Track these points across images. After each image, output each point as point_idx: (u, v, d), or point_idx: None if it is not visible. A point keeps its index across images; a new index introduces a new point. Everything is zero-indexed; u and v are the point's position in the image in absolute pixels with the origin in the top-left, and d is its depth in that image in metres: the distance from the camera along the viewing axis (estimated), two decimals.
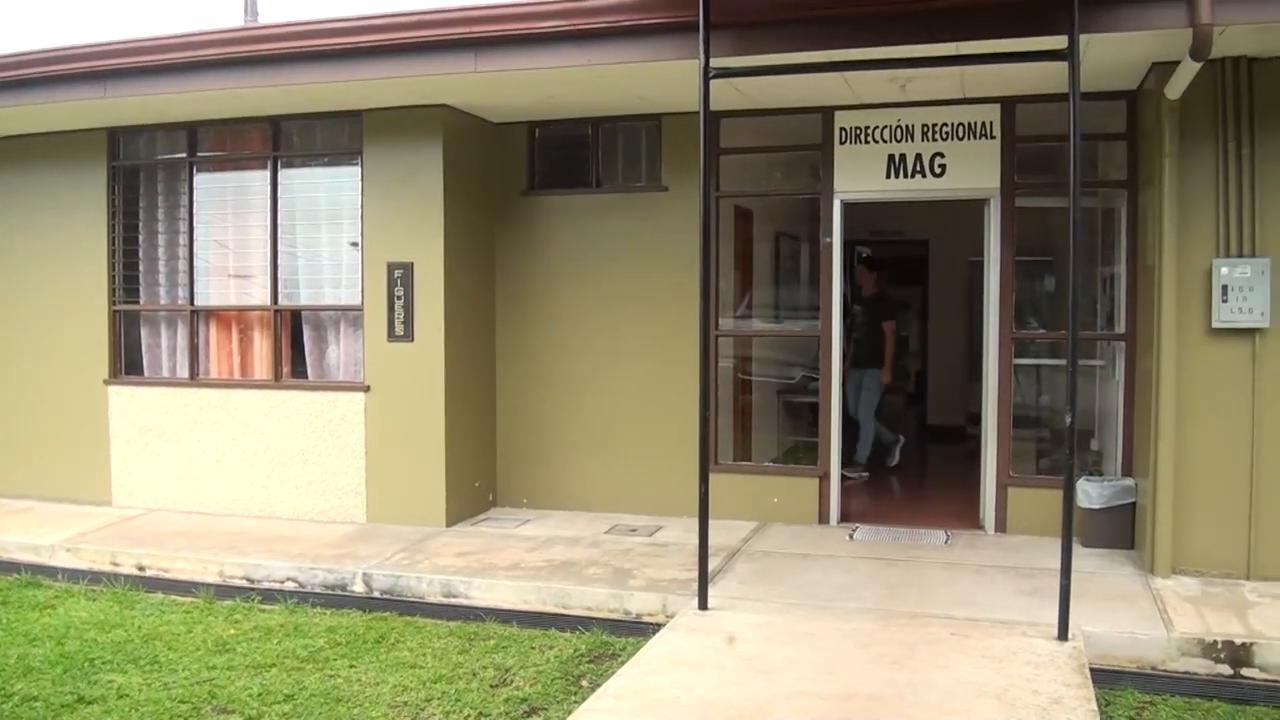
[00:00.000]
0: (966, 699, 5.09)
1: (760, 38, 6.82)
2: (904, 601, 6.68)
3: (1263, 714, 5.43)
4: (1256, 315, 7.09)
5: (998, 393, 8.47)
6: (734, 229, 9.69)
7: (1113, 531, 7.97)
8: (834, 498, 8.82)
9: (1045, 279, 9.51)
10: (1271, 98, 7.14)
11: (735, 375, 9.81)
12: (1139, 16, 6.38)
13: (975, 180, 8.41)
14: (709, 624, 6.24)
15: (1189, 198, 7.23)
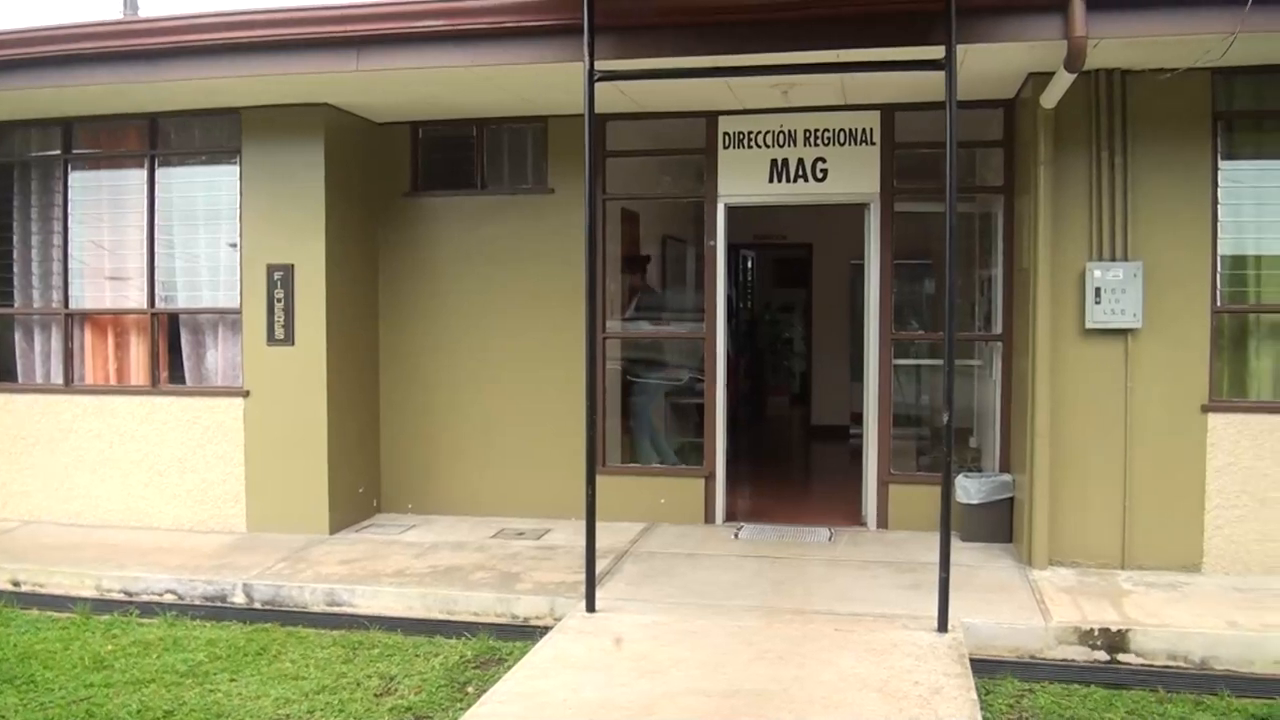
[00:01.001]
0: (850, 692, 5.20)
1: (644, 41, 6.87)
2: (789, 598, 6.79)
3: (1138, 698, 5.66)
4: (1129, 316, 7.39)
5: (878, 392, 8.66)
6: (620, 231, 9.72)
7: (991, 526, 8.20)
8: (720, 497, 8.92)
9: (925, 281, 9.72)
10: (1143, 108, 7.46)
11: (623, 377, 9.84)
12: (1015, 29, 6.60)
13: (856, 185, 8.58)
14: (597, 626, 6.25)
15: (1063, 203, 7.51)
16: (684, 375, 10.05)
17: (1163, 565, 7.48)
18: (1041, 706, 5.50)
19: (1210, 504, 7.46)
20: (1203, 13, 6.40)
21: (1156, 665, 6.19)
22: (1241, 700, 5.63)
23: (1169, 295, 7.46)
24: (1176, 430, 7.48)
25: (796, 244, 14.86)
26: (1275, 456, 7.41)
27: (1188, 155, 7.48)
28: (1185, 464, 7.48)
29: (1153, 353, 7.48)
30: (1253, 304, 7.60)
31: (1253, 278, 7.62)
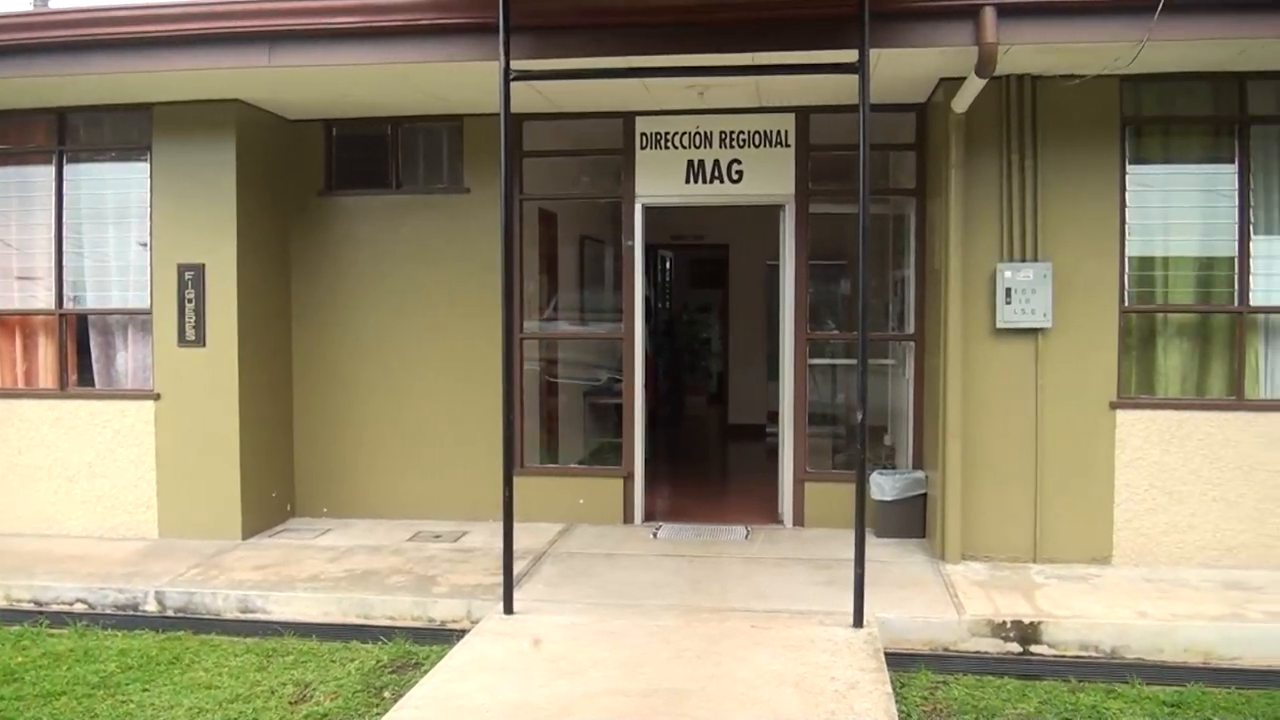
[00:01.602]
0: (767, 689, 5.25)
1: (560, 41, 6.87)
2: (706, 597, 6.83)
3: (1051, 688, 5.80)
4: (1039, 316, 7.56)
5: (794, 392, 8.75)
6: (538, 232, 9.70)
7: (906, 522, 8.34)
8: (639, 497, 8.95)
9: (840, 282, 9.84)
10: (1053, 113, 7.65)
11: (542, 378, 9.83)
12: (927, 34, 6.71)
13: (771, 186, 8.66)
14: (514, 628, 6.24)
15: (974, 205, 7.65)
16: (603, 375, 10.07)
17: (1074, 558, 7.68)
18: (955, 698, 5.61)
19: (1119, 498, 7.67)
20: (1112, 21, 6.57)
21: (1068, 656, 6.36)
22: (1152, 688, 5.81)
23: (1078, 295, 7.65)
24: (1086, 427, 7.68)
25: (714, 244, 14.96)
26: (1182, 451, 7.64)
27: (1097, 159, 7.68)
28: (1095, 459, 7.69)
29: (1062, 351, 7.67)
30: (1160, 304, 7.82)
31: (1160, 279, 7.85)
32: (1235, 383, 7.72)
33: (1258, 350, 7.78)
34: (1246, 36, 6.67)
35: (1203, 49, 7.00)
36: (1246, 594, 6.99)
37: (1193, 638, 6.36)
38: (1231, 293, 7.74)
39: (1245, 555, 7.62)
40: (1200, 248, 7.86)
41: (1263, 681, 5.98)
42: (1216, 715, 5.45)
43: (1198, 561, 7.64)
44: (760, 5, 6.62)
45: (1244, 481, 7.62)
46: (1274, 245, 7.77)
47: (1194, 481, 7.65)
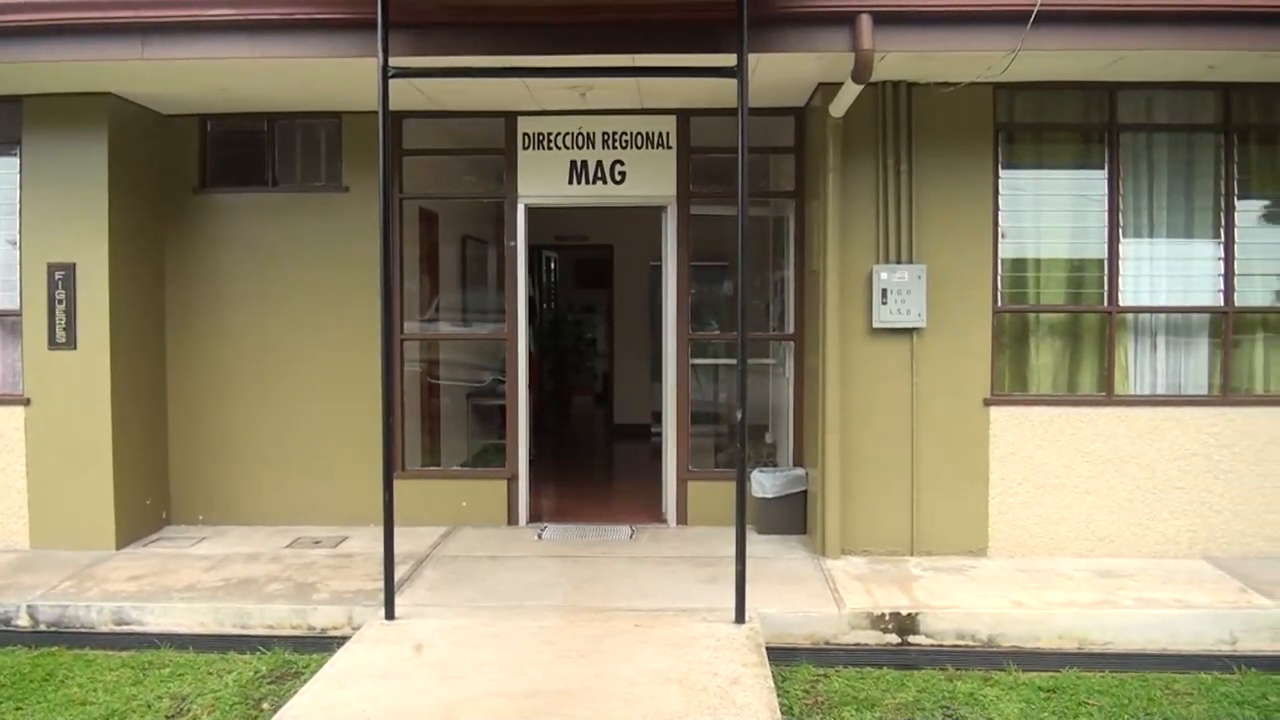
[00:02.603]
0: (650, 686, 5.26)
1: (440, 39, 6.79)
2: (590, 597, 6.82)
3: (929, 677, 5.94)
4: (914, 317, 7.73)
5: (676, 391, 8.80)
6: (419, 232, 9.59)
7: (787, 518, 8.44)
8: (523, 499, 8.90)
9: (723, 282, 9.93)
10: (928, 119, 7.83)
11: (424, 379, 9.72)
12: (805, 40, 6.79)
13: (653, 188, 8.70)
14: (396, 633, 6.15)
15: (851, 208, 7.79)
16: (486, 376, 10.01)
17: (951, 551, 7.88)
18: (836, 690, 5.70)
19: (994, 492, 7.89)
20: (986, 30, 6.73)
21: (946, 645, 6.52)
22: (1028, 674, 5.99)
23: (953, 296, 7.85)
24: (961, 423, 7.88)
25: (598, 245, 14.96)
26: (1054, 446, 7.89)
27: (971, 164, 7.89)
28: (970, 455, 7.89)
29: (937, 350, 7.85)
30: (1032, 304, 8.05)
31: (1033, 280, 8.08)
32: (1106, 379, 7.99)
33: (1127, 348, 8.07)
34: (1117, 48, 6.91)
35: (1075, 59, 7.22)
36: (1118, 581, 7.26)
37: (1067, 625, 6.58)
38: (1102, 293, 8.02)
39: (1117, 544, 7.90)
40: (1071, 250, 8.12)
41: (1135, 665, 6.23)
42: (1091, 699, 5.64)
43: (1071, 551, 7.90)
44: (641, 7, 6.64)
45: (1115, 474, 7.90)
46: (1142, 248, 8.08)
47: (1066, 475, 7.90)
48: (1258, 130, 8.07)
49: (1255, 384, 8.11)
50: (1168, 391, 8.08)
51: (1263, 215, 8.16)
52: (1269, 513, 7.91)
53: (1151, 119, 8.05)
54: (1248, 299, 8.07)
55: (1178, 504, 7.91)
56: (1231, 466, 7.91)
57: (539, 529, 8.70)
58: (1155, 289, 8.08)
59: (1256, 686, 5.85)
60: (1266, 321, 8.12)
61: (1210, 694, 5.74)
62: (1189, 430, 7.92)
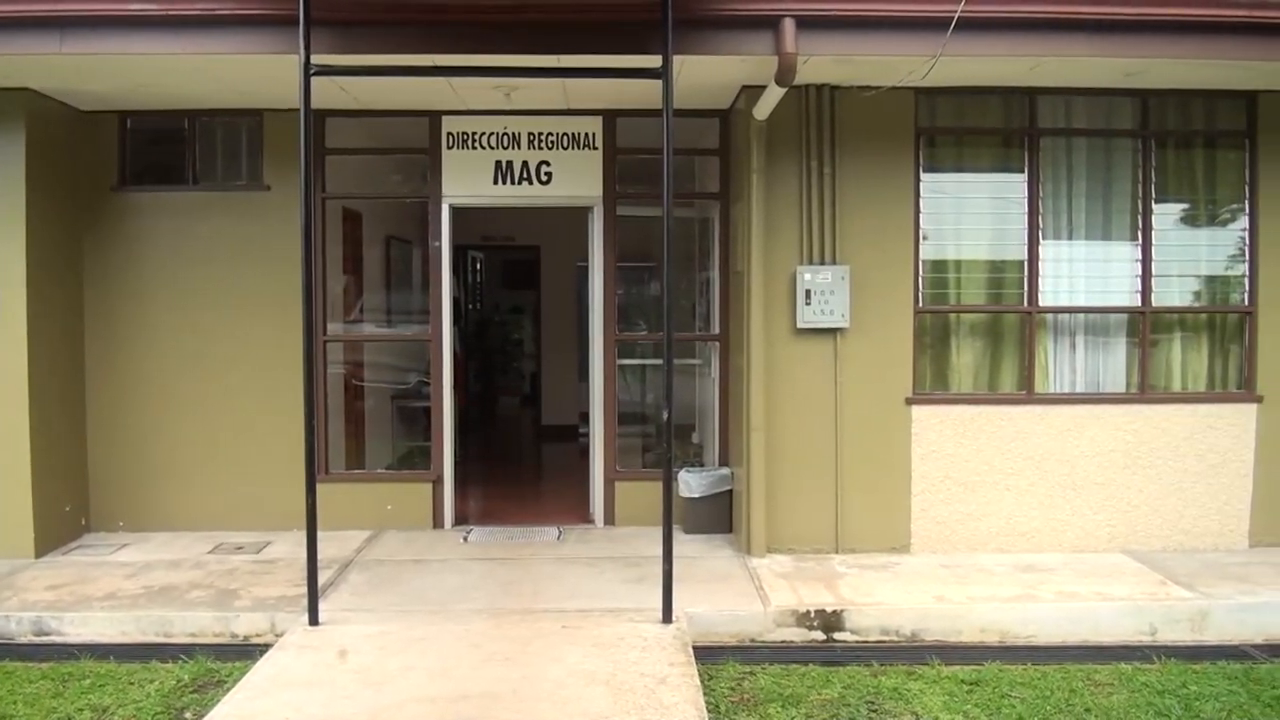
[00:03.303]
0: (578, 687, 5.25)
1: (363, 37, 6.71)
2: (517, 599, 6.80)
3: (854, 673, 5.99)
4: (837, 317, 7.80)
5: (603, 392, 8.79)
6: (342, 231, 9.47)
7: (713, 518, 8.47)
8: (448, 501, 8.83)
9: (649, 283, 9.94)
10: (851, 123, 7.91)
11: (348, 381, 9.60)
12: (729, 42, 6.82)
13: (579, 188, 8.68)
14: (320, 639, 6.06)
15: (775, 210, 7.84)
16: (411, 378, 9.92)
17: (874, 548, 7.98)
18: (762, 687, 5.73)
19: (916, 489, 7.99)
20: (907, 36, 6.81)
21: (871, 641, 6.60)
22: (951, 668, 6.08)
23: (875, 296, 7.94)
24: (884, 422, 7.97)
25: (525, 246, 14.91)
26: (975, 444, 8.01)
27: (893, 167, 7.99)
28: (892, 453, 7.99)
29: (860, 350, 7.94)
30: (953, 305, 8.17)
31: (953, 280, 8.20)
32: (1026, 378, 8.13)
33: (1046, 348, 8.22)
34: (1036, 54, 7.04)
35: (995, 65, 7.36)
36: (1039, 575, 7.40)
37: (989, 618, 6.70)
38: (1022, 294, 8.16)
39: (1037, 539, 8.05)
40: (992, 251, 8.25)
41: (1056, 657, 6.35)
42: (1013, 690, 5.73)
43: (993, 547, 8.03)
44: (566, 8, 6.61)
45: (1035, 471, 8.04)
46: (1061, 249, 8.24)
47: (987, 472, 8.02)
48: (1174, 136, 8.27)
49: (1172, 382, 8.31)
50: (1087, 390, 8.25)
51: (1179, 218, 8.35)
52: (1187, 507, 8.11)
53: (1071, 124, 8.21)
54: (1165, 299, 8.27)
55: (1097, 499, 8.08)
56: (1150, 463, 8.09)
57: (465, 531, 8.65)
58: (1074, 290, 8.24)
59: (1176, 676, 5.99)
60: (1183, 321, 8.32)
61: (1131, 684, 5.87)
62: (1108, 428, 8.09)
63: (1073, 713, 5.46)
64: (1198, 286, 8.37)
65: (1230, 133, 8.27)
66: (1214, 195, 8.36)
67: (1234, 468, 8.15)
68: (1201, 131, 8.31)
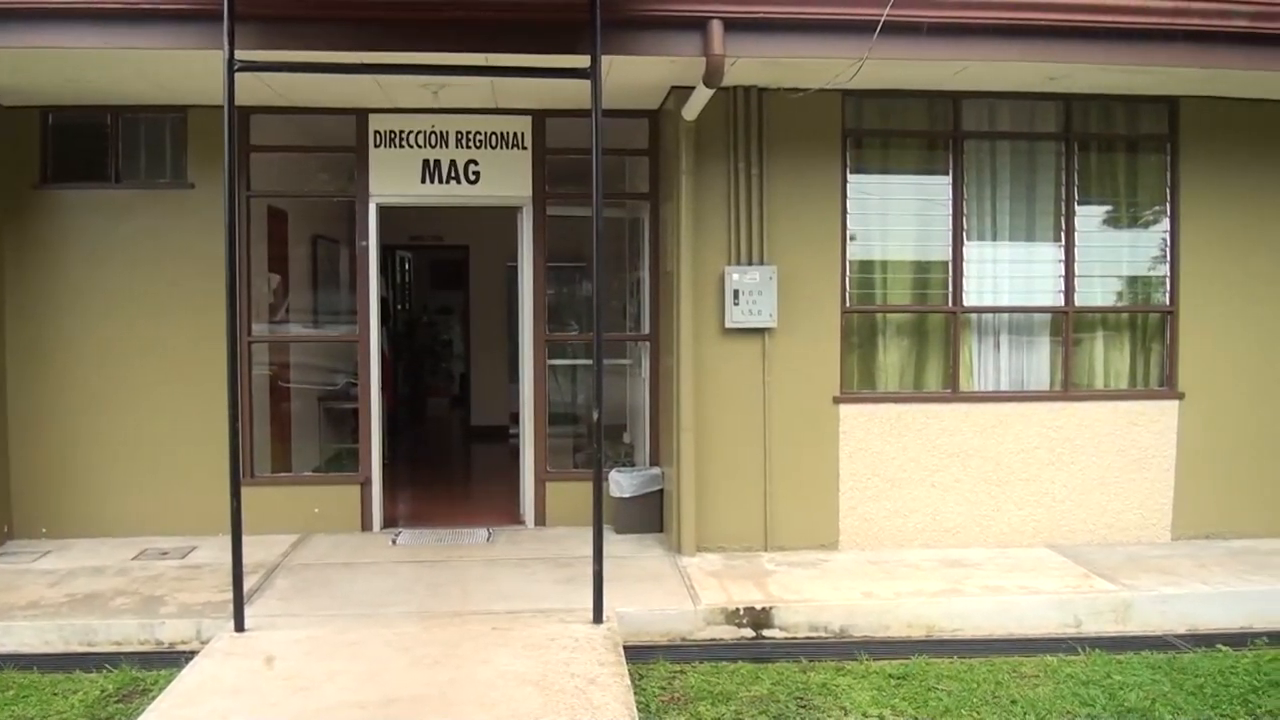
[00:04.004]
0: (507, 689, 5.23)
1: (289, 33, 6.60)
2: (446, 601, 6.75)
3: (783, 669, 6.03)
4: (765, 317, 7.85)
5: (533, 392, 8.77)
6: (268, 230, 9.33)
7: (644, 517, 8.49)
8: (377, 504, 8.74)
9: (580, 283, 9.92)
10: (778, 125, 7.97)
11: (275, 383, 9.47)
12: (657, 43, 6.83)
13: (508, 188, 8.65)
14: (246, 646, 5.97)
15: (704, 210, 7.88)
16: (339, 379, 9.82)
17: (803, 545, 8.05)
18: (692, 686, 5.74)
19: (844, 487, 8.08)
20: (834, 39, 6.86)
21: (799, 637, 6.66)
22: (879, 662, 6.14)
23: (803, 297, 8.01)
24: (811, 421, 8.04)
25: (454, 245, 14.84)
26: (902, 441, 8.11)
27: (820, 168, 8.06)
28: (820, 451, 8.06)
29: (788, 350, 7.99)
30: (880, 305, 8.27)
31: (879, 281, 8.30)
32: (951, 377, 8.25)
33: (971, 347, 8.35)
34: (960, 59, 7.14)
35: (921, 68, 7.46)
36: (965, 570, 7.51)
37: (916, 613, 6.79)
38: (947, 294, 8.28)
39: (964, 535, 8.17)
40: (917, 252, 8.37)
41: (983, 650, 6.45)
42: (940, 684, 5.81)
43: (919, 543, 8.14)
44: (494, 6, 6.58)
45: (960, 467, 8.15)
46: (986, 250, 8.38)
47: (914, 469, 8.12)
48: (1097, 139, 8.45)
49: (1095, 380, 8.48)
50: (1011, 388, 8.39)
51: (1102, 220, 8.55)
52: (1110, 502, 8.29)
53: (995, 127, 8.35)
54: (1088, 299, 8.44)
55: (1022, 495, 8.22)
56: (1074, 459, 8.26)
57: (394, 534, 8.57)
58: (998, 290, 8.38)
59: (1101, 666, 6.12)
60: (1106, 321, 8.50)
61: (1056, 675, 5.97)
62: (1032, 424, 8.23)
63: (999, 704, 5.54)
64: (1120, 286, 8.57)
65: (1152, 137, 8.46)
66: (1136, 198, 8.55)
67: (1156, 463, 8.34)
68: (1124, 135, 8.49)
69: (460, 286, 15.41)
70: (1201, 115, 8.35)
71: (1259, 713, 5.48)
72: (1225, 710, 5.51)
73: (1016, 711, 5.45)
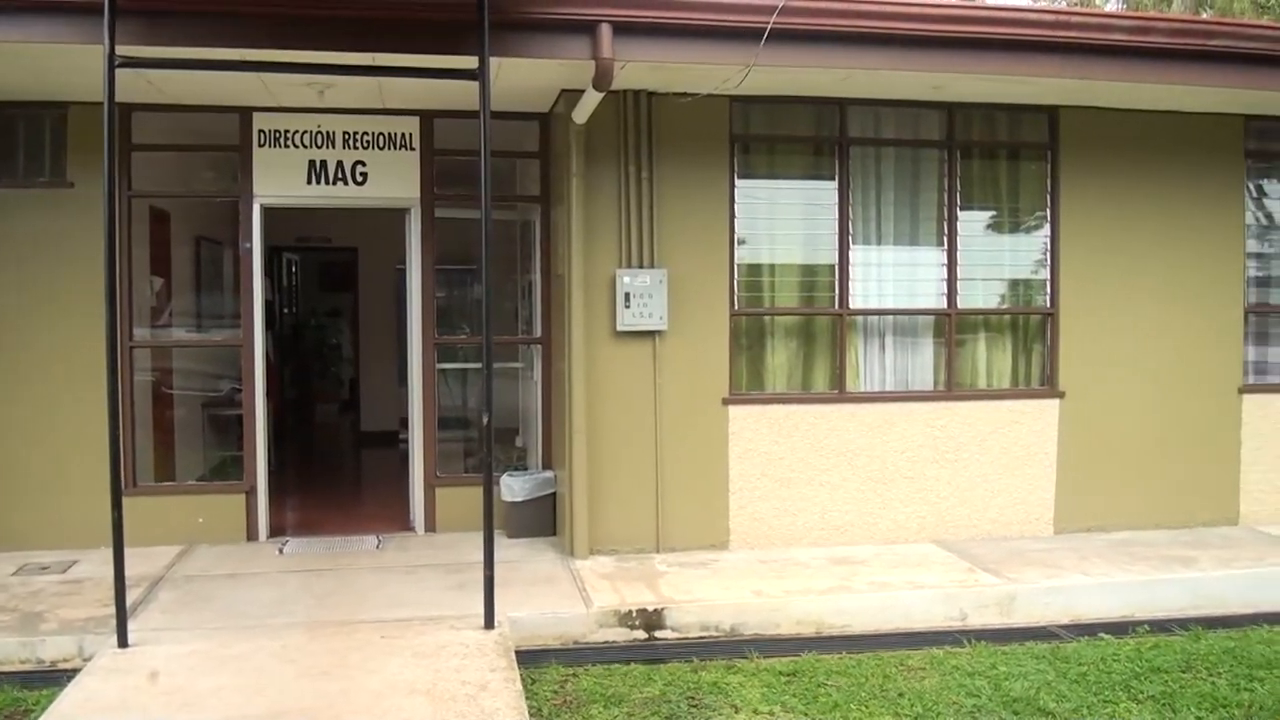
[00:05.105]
0: (397, 698, 5.17)
1: (172, 29, 6.43)
2: (335, 611, 6.65)
3: (675, 669, 6.07)
4: (656, 319, 7.90)
5: (423, 396, 8.69)
6: (150, 232, 9.08)
7: (536, 521, 8.47)
8: (263, 512, 8.55)
9: (471, 286, 9.84)
10: (668, 129, 8.03)
11: (158, 389, 9.21)
12: (547, 46, 6.83)
13: (396, 190, 8.55)
14: (130, 662, 5.79)
15: (595, 213, 7.89)
16: (224, 385, 9.60)
17: (695, 546, 8.12)
18: (585, 689, 5.74)
19: (734, 487, 8.17)
20: (722, 45, 6.94)
21: (691, 637, 6.70)
22: (769, 660, 6.22)
23: (693, 299, 8.08)
24: (702, 422, 8.11)
25: (342, 247, 14.61)
26: (790, 442, 8.22)
27: (708, 173, 8.14)
28: (711, 452, 8.14)
29: (679, 352, 8.05)
30: (767, 307, 8.39)
31: (767, 284, 8.42)
32: (838, 378, 8.39)
33: (857, 348, 8.49)
34: (846, 66, 7.28)
35: (807, 75, 7.58)
36: (853, 568, 7.64)
37: (805, 610, 6.88)
38: (833, 296, 8.42)
39: (851, 533, 8.32)
40: (804, 256, 8.51)
41: (871, 645, 6.57)
42: (830, 679, 5.89)
43: (808, 541, 8.26)
44: (381, 5, 6.50)
45: (848, 467, 8.30)
46: (871, 254, 8.55)
47: (802, 469, 8.24)
48: (980, 147, 8.70)
49: (978, 380, 8.70)
50: (897, 388, 8.56)
51: (985, 225, 8.80)
52: (993, 497, 8.51)
53: (880, 134, 8.52)
54: (970, 302, 8.66)
55: (907, 493, 8.39)
56: (957, 456, 8.46)
57: (281, 543, 8.41)
58: (883, 293, 8.55)
59: (986, 657, 6.28)
60: (987, 322, 8.72)
61: (942, 667, 6.11)
62: (916, 424, 8.41)
63: (887, 698, 5.65)
64: (1003, 289, 8.81)
65: (1033, 145, 8.73)
66: (1018, 204, 8.81)
67: (1038, 459, 8.59)
68: (1006, 143, 8.74)
69: (349, 289, 15.18)
70: (1080, 125, 8.64)
71: (1141, 698, 5.67)
72: (1108, 696, 5.69)
73: (904, 704, 5.56)
